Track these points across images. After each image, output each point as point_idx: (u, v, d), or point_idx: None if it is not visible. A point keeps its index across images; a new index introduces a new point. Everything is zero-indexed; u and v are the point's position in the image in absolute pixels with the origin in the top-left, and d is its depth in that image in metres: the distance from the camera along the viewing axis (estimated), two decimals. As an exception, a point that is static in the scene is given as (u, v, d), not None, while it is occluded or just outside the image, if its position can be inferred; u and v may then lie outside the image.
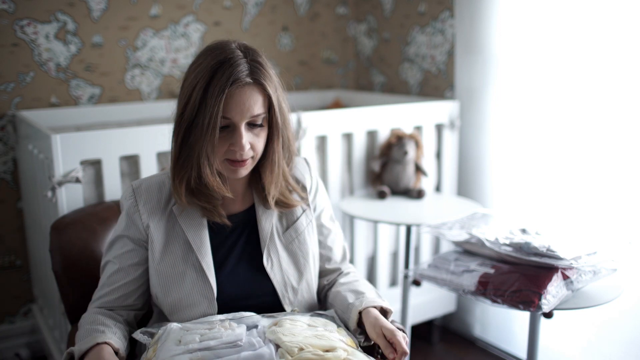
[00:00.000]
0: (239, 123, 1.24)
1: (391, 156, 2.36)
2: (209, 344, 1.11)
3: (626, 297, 1.95)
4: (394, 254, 2.52)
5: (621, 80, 2.03)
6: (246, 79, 1.23)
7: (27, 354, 2.49)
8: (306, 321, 1.24)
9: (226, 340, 1.12)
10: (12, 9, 2.36)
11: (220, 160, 1.27)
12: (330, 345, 1.13)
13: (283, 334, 1.15)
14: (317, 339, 1.14)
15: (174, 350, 1.10)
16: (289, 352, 1.10)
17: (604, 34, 2.05)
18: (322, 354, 1.09)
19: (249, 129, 1.26)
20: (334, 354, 1.10)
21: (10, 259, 2.51)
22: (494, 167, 2.49)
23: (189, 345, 1.11)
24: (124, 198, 1.35)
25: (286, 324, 1.20)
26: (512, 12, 2.32)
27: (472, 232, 1.71)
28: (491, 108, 2.47)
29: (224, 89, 1.20)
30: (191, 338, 1.13)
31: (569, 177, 2.22)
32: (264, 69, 1.27)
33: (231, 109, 1.22)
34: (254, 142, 1.27)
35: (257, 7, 2.89)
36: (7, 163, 2.44)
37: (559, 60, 2.20)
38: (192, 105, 1.23)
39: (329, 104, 3.09)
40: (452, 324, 2.74)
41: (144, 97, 2.69)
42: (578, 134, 2.18)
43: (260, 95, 1.25)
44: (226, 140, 1.25)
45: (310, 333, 1.17)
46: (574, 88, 2.17)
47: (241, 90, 1.22)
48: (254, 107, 1.24)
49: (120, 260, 1.33)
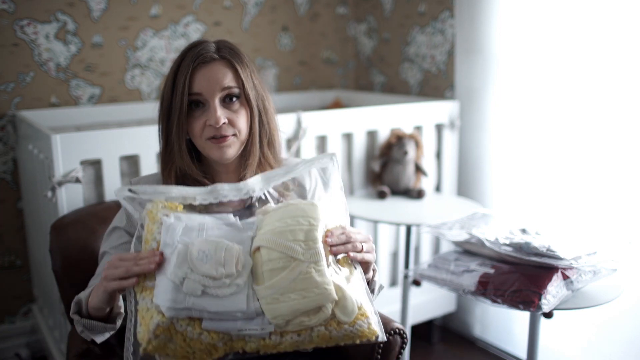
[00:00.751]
0: (211, 97, 1.25)
1: (391, 156, 2.36)
2: (210, 306, 1.03)
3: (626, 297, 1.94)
4: (394, 254, 2.52)
5: (621, 80, 2.03)
6: (213, 55, 1.26)
7: (27, 354, 2.49)
8: (286, 245, 1.10)
9: (227, 308, 1.04)
10: (12, 9, 2.36)
11: (203, 141, 1.27)
12: (315, 304, 1.06)
13: (267, 300, 1.06)
14: (302, 299, 1.06)
15: (175, 299, 1.03)
16: (277, 328, 1.05)
17: (604, 34, 2.05)
18: (307, 324, 1.05)
19: (225, 106, 1.27)
20: (320, 316, 1.05)
21: (10, 259, 2.51)
22: (494, 167, 2.49)
23: (189, 300, 1.03)
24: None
25: (265, 271, 1.08)
26: (512, 12, 2.33)
27: (472, 232, 1.70)
28: (491, 108, 2.47)
29: (188, 66, 1.24)
30: (195, 288, 1.04)
31: (569, 177, 2.22)
32: (233, 49, 1.30)
33: (200, 84, 1.25)
34: (233, 118, 1.27)
35: (257, 7, 2.89)
36: (7, 163, 2.44)
37: (559, 60, 2.20)
38: (167, 92, 1.27)
39: (329, 104, 3.09)
40: (452, 324, 2.74)
41: (144, 97, 2.69)
42: (578, 134, 2.18)
43: (229, 70, 1.27)
44: (202, 118, 1.26)
45: (293, 285, 1.06)
46: (574, 88, 2.17)
47: (208, 65, 1.26)
48: (222, 79, 1.25)
49: (117, 251, 1.33)
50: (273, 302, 1.06)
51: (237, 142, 1.29)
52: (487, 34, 2.42)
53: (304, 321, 1.06)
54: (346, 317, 1.08)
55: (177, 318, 1.03)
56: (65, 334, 1.97)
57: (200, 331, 1.03)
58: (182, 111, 1.25)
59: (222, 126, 1.25)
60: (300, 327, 1.06)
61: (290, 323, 1.06)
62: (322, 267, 1.09)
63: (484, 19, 2.41)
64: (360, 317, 1.09)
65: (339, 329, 1.08)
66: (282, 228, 1.11)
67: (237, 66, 1.28)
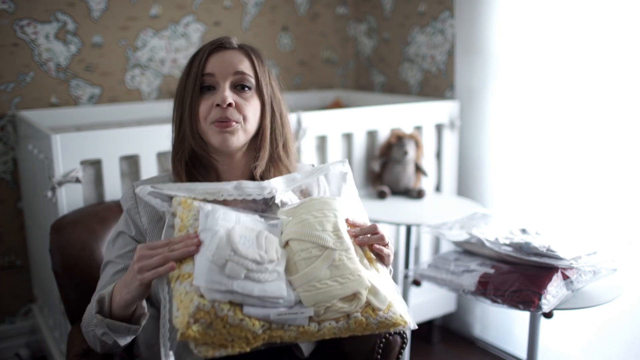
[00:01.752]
0: (223, 79, 1.24)
1: (391, 156, 2.36)
2: (253, 290, 1.02)
3: (626, 297, 1.95)
4: (394, 254, 2.52)
5: (621, 81, 2.03)
6: (232, 43, 1.28)
7: (27, 354, 2.49)
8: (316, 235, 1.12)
9: (270, 293, 1.03)
10: (12, 9, 2.36)
11: (207, 125, 1.24)
12: (351, 291, 1.07)
13: (303, 288, 1.07)
14: (338, 285, 1.07)
15: (217, 280, 1.01)
16: (316, 315, 1.05)
17: (604, 34, 2.05)
18: (346, 310, 1.06)
19: (236, 92, 1.25)
20: (358, 303, 1.07)
21: (10, 259, 2.51)
22: (494, 167, 2.49)
23: (232, 283, 1.01)
24: (125, 199, 1.33)
25: (300, 261, 1.10)
26: (512, 12, 2.33)
27: (472, 232, 1.70)
28: (491, 108, 2.47)
29: (206, 49, 1.26)
30: (237, 271, 1.03)
31: (568, 177, 2.22)
32: (254, 47, 1.31)
33: (213, 65, 1.25)
34: (241, 104, 1.24)
35: (257, 7, 2.89)
36: (7, 163, 2.44)
37: (559, 60, 2.20)
38: (183, 78, 1.28)
39: (329, 104, 3.09)
40: (452, 324, 2.74)
41: (144, 97, 2.69)
42: (578, 134, 2.18)
43: (245, 59, 1.27)
44: (210, 100, 1.24)
45: (329, 273, 1.08)
46: (574, 88, 2.17)
47: (226, 50, 1.27)
48: (237, 64, 1.25)
49: (123, 259, 1.29)
50: (310, 290, 1.06)
51: (242, 131, 1.25)
52: (487, 34, 2.42)
53: (342, 307, 1.06)
54: (380, 304, 1.09)
55: (219, 302, 1.00)
56: (65, 334, 1.97)
57: (242, 317, 1.01)
58: (194, 92, 1.24)
59: (228, 108, 1.22)
60: (338, 313, 1.06)
61: (329, 310, 1.06)
62: (353, 255, 1.12)
63: (484, 19, 2.41)
64: (392, 306, 1.10)
65: (375, 315, 1.08)
66: (310, 220, 1.13)
67: (255, 59, 1.28)
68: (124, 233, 1.30)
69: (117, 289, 1.14)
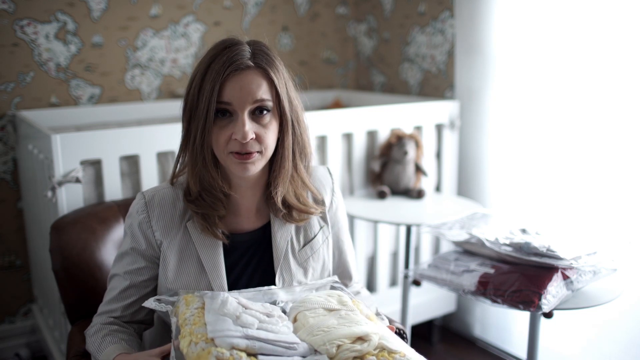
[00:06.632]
0: (241, 109, 1.15)
1: (391, 156, 2.36)
2: (268, 336, 1.04)
3: (626, 297, 1.95)
4: (394, 254, 2.52)
5: (621, 81, 2.03)
6: (247, 62, 1.16)
7: (27, 354, 2.49)
8: (323, 302, 1.18)
9: (284, 338, 1.05)
10: (12, 9, 2.36)
11: (225, 154, 1.18)
12: (361, 331, 1.08)
13: (312, 334, 1.09)
14: (347, 327, 1.08)
15: (232, 328, 1.02)
16: (328, 355, 1.04)
17: (604, 34, 2.05)
18: (359, 348, 1.05)
19: (255, 119, 1.17)
20: (370, 343, 1.06)
21: (10, 259, 2.51)
22: (494, 167, 2.49)
23: (247, 330, 1.03)
24: (136, 212, 1.27)
25: (309, 319, 1.13)
26: (512, 12, 2.33)
27: (472, 232, 1.71)
28: (491, 108, 2.47)
29: (220, 71, 1.14)
30: (251, 321, 1.05)
31: (568, 177, 2.22)
32: (269, 56, 1.20)
33: (230, 93, 1.14)
34: (261, 134, 1.17)
35: (257, 7, 2.89)
36: (7, 163, 2.44)
37: (559, 60, 2.20)
38: (193, 95, 1.18)
39: (329, 104, 3.09)
40: (452, 324, 2.74)
41: (144, 97, 2.69)
42: (578, 134, 2.18)
43: (264, 80, 1.17)
44: (228, 130, 1.16)
45: (336, 321, 1.11)
46: (573, 88, 2.17)
47: (241, 73, 1.15)
48: (256, 91, 1.15)
49: (131, 276, 1.27)
50: (319, 334, 1.09)
51: (262, 159, 1.20)
52: (487, 34, 2.42)
53: (353, 347, 1.05)
54: (395, 347, 1.07)
55: (237, 350, 1.00)
56: (65, 334, 1.97)
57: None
58: (208, 119, 1.15)
59: (249, 142, 1.15)
60: (351, 352, 1.04)
61: (342, 349, 1.05)
62: (359, 313, 1.17)
63: (483, 19, 2.41)
64: (405, 354, 1.07)
65: (390, 358, 1.06)
66: (313, 297, 1.22)
67: (273, 76, 1.18)
68: (134, 250, 1.28)
69: None
